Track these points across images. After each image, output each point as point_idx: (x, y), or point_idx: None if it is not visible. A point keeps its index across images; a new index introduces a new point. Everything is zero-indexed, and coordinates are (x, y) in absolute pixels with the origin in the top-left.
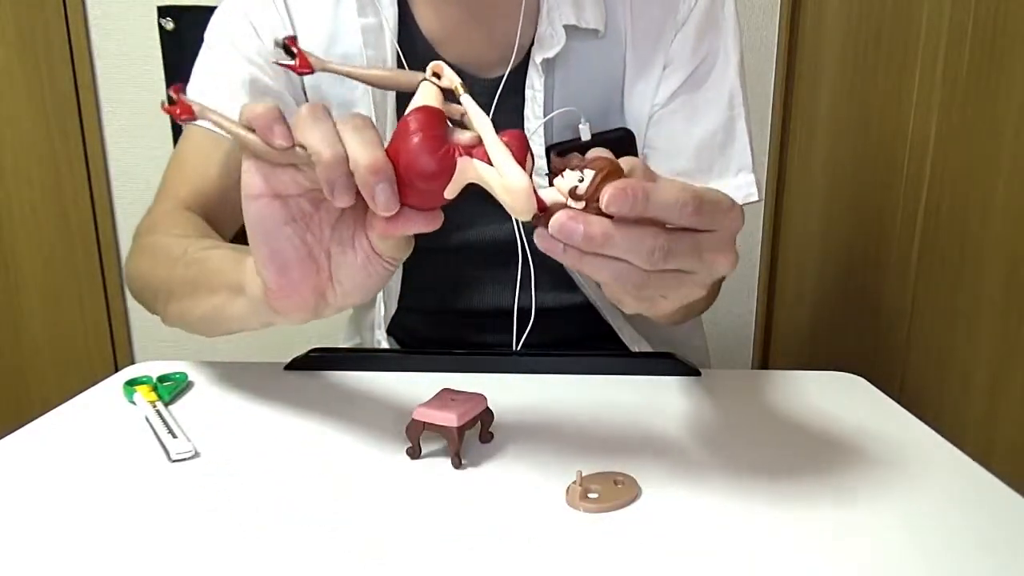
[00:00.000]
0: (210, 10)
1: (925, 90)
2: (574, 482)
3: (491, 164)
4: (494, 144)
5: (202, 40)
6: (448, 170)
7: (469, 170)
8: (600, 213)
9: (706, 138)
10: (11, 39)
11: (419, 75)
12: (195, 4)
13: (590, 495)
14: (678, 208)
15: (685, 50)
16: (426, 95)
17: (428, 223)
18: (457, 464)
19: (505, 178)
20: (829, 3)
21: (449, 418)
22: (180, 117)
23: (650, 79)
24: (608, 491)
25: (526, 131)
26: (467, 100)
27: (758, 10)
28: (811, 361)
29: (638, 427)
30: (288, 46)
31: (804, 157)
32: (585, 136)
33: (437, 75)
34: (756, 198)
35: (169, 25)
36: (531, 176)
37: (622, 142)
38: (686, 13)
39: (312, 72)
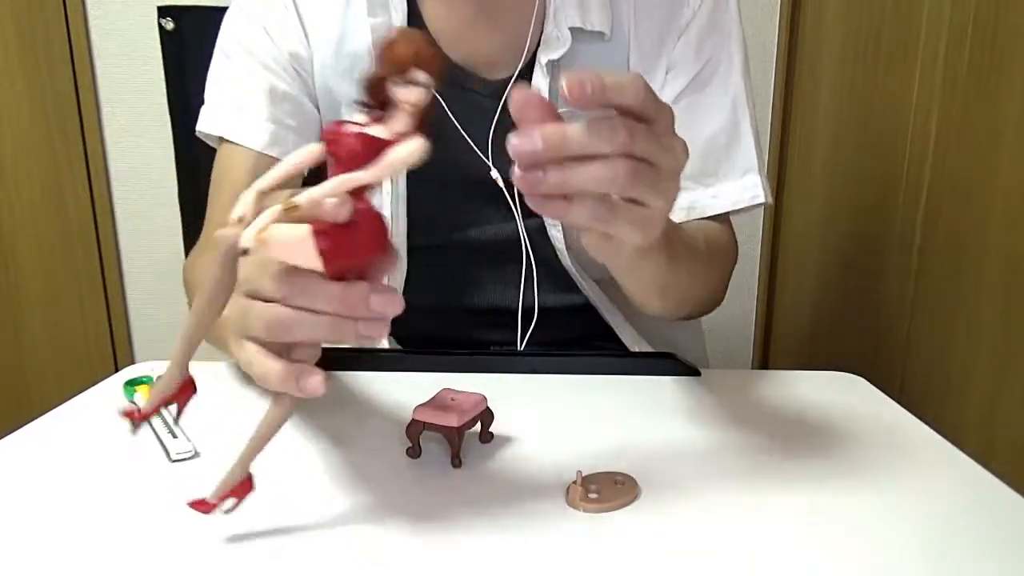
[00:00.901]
0: (210, 10)
1: (925, 90)
2: (574, 482)
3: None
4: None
5: (202, 40)
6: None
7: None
8: None
9: (710, 141)
10: (11, 39)
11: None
12: (195, 4)
13: (590, 495)
14: (633, 91)
15: (688, 54)
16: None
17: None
18: (457, 464)
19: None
20: (829, 3)
21: (449, 418)
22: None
23: (653, 82)
24: (608, 491)
25: None
26: (304, 199)
27: (758, 10)
28: (811, 361)
29: (638, 427)
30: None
31: (804, 157)
32: None
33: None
34: (762, 200)
35: (169, 25)
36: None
37: None
38: (689, 16)
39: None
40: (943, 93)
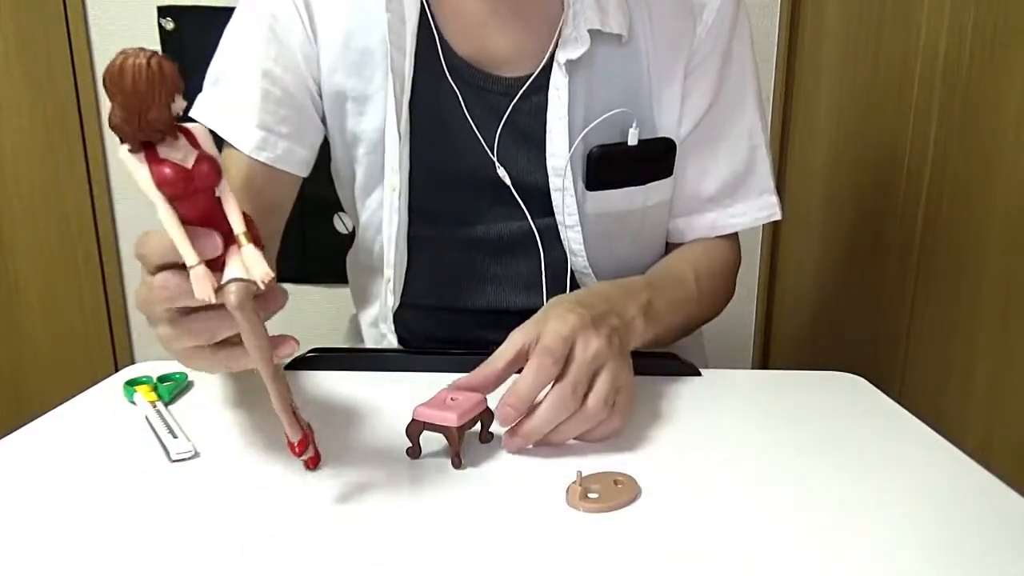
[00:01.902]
0: (210, 10)
1: (925, 90)
2: (574, 482)
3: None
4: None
5: (202, 40)
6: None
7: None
8: None
9: (730, 169)
10: (11, 39)
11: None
12: (195, 4)
13: (590, 495)
14: (544, 374)
15: (702, 86)
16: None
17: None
18: (457, 464)
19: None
20: (829, 3)
21: (449, 418)
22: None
23: (672, 99)
24: (608, 491)
25: (548, 132)
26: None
27: (758, 10)
28: (811, 361)
29: (638, 427)
30: None
31: (804, 157)
32: (632, 141)
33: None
34: (778, 217)
35: (169, 25)
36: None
37: (666, 151)
38: (703, 36)
39: None
40: (943, 93)
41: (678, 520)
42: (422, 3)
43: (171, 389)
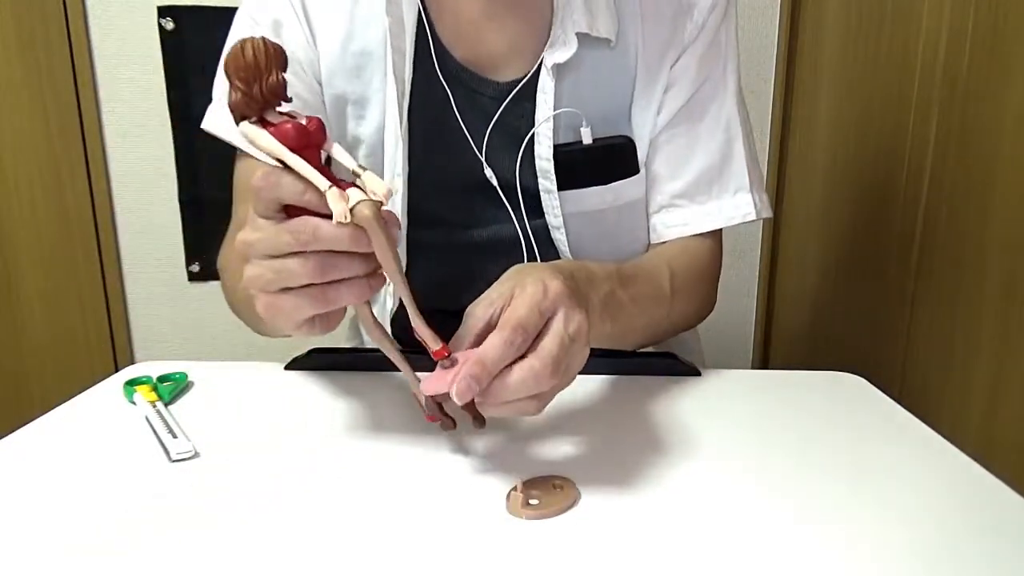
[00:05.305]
0: (210, 10)
1: (925, 90)
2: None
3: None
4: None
5: (202, 40)
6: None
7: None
8: None
9: (704, 162)
10: (11, 39)
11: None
12: (195, 4)
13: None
14: (513, 349)
15: (686, 75)
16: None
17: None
18: (480, 425)
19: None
20: (829, 3)
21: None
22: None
23: (653, 95)
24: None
25: (536, 135)
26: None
27: (758, 10)
28: (811, 361)
29: (638, 427)
30: None
31: (804, 157)
32: (587, 140)
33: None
34: (754, 217)
35: (169, 25)
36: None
37: (623, 149)
38: (692, 32)
39: None
40: (943, 93)
41: (679, 520)
42: (419, 5)
43: (171, 389)
